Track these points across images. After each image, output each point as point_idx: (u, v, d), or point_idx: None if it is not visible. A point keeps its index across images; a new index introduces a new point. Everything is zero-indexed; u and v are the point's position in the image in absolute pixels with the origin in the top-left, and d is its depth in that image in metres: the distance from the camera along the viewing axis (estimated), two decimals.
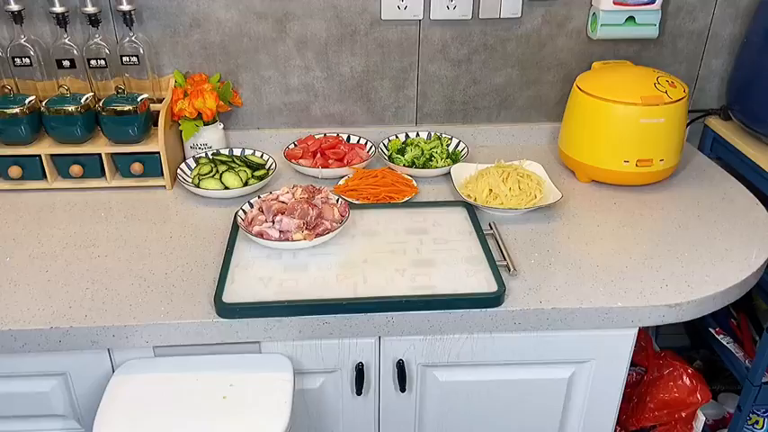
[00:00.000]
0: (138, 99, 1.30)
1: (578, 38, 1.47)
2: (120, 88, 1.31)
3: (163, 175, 1.34)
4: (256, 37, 1.42)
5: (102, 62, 1.34)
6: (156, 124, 1.33)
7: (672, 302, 1.03)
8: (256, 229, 1.11)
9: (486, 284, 1.03)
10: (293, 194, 1.16)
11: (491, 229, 1.20)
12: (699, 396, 1.37)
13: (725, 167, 1.45)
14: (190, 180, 1.33)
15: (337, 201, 1.20)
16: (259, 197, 1.21)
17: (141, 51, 1.34)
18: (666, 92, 1.28)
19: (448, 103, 1.53)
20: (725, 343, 1.45)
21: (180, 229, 1.21)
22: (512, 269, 1.08)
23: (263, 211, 1.14)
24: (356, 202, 1.28)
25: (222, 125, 1.44)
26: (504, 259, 1.10)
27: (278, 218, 1.10)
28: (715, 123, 1.54)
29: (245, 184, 1.31)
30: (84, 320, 0.98)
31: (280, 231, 1.10)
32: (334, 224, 1.13)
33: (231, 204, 1.28)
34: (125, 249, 1.15)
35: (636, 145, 1.30)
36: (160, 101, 1.38)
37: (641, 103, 1.27)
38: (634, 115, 1.28)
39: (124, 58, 1.34)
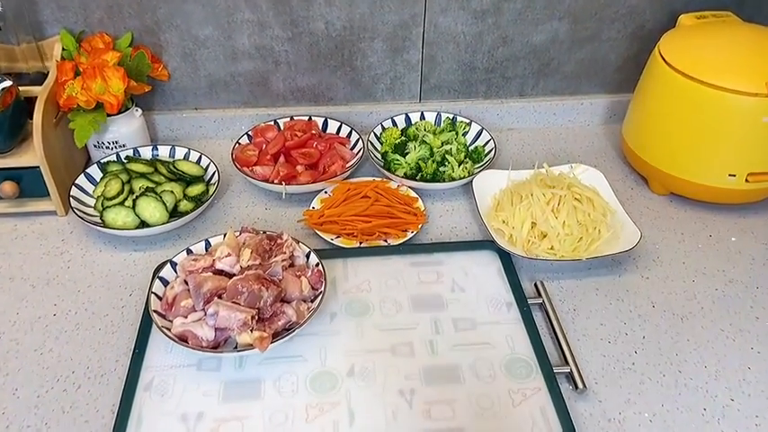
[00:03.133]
0: None
1: None
2: None
3: (49, 196, 0.90)
4: None
5: None
6: (33, 117, 0.88)
7: None
8: (178, 324, 0.69)
9: (542, 420, 0.65)
10: (239, 259, 0.74)
11: (538, 294, 0.80)
12: None
13: None
14: (91, 207, 0.90)
15: (307, 259, 0.78)
16: (189, 251, 0.79)
17: (1, 8, 0.87)
18: None
19: (465, 72, 1.08)
20: None
21: (70, 296, 0.80)
22: (579, 384, 0.69)
23: (189, 289, 0.72)
24: (336, 242, 0.86)
25: (140, 111, 0.99)
26: (566, 362, 0.72)
27: (211, 309, 0.69)
28: None
29: (174, 209, 0.89)
30: None
31: (216, 329, 0.69)
32: (301, 308, 0.72)
33: (152, 244, 0.87)
34: None
35: (752, 153, 0.88)
36: (44, 77, 0.93)
37: (767, 92, 0.84)
38: (754, 110, 0.85)
39: None
